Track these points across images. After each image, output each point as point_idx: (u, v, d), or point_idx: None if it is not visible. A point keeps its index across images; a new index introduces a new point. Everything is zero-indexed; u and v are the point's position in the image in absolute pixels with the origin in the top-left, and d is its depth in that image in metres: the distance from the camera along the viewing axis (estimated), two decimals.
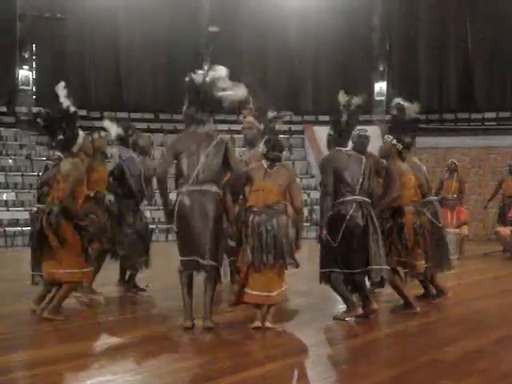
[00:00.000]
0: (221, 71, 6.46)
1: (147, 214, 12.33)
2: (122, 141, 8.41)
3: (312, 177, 21.88)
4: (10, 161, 20.27)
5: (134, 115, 24.01)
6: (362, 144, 7.31)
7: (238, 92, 6.49)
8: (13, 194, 18.78)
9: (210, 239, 6.18)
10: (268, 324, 6.23)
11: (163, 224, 19.59)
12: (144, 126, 23.31)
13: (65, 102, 6.97)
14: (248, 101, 7.22)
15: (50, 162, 7.81)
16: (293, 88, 25.04)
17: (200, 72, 6.48)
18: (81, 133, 6.98)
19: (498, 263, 13.03)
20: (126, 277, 8.49)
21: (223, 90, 6.41)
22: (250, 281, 6.24)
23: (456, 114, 23.13)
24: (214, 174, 6.30)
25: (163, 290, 8.81)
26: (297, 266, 6.44)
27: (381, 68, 24.49)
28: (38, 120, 7.06)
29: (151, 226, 19.57)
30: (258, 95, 6.84)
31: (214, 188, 6.29)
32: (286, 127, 6.93)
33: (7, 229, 17.20)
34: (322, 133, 7.53)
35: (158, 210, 20.15)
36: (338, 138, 7.00)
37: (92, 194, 7.71)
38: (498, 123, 21.75)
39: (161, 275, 9.77)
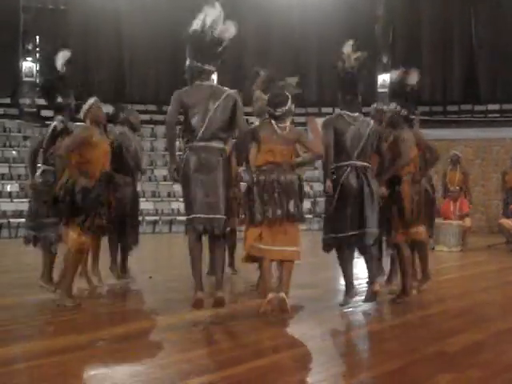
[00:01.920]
0: (214, 12, 6.43)
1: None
2: (112, 117, 8.45)
3: (315, 168, 21.87)
4: (14, 152, 20.32)
5: (137, 107, 23.95)
6: (374, 116, 7.34)
7: (231, 29, 6.48)
8: (16, 185, 18.83)
9: (217, 195, 6.20)
10: (283, 295, 6.25)
11: (166, 216, 19.67)
12: (147, 117, 23.34)
13: (61, 68, 7.11)
14: (259, 75, 7.25)
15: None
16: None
17: (198, 19, 6.45)
18: (90, 100, 7.03)
19: (501, 255, 13.02)
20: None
21: (220, 30, 6.41)
22: (263, 236, 6.27)
23: (459, 106, 23.11)
24: (220, 131, 6.29)
25: (166, 281, 8.84)
26: (302, 220, 6.48)
27: (384, 60, 24.45)
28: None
29: (155, 218, 19.68)
30: (264, 69, 6.87)
31: (220, 145, 6.30)
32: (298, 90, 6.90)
33: (11, 220, 17.25)
34: None
35: (162, 201, 20.25)
36: (343, 98, 6.94)
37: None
38: (502, 115, 21.72)
39: (164, 266, 9.81)
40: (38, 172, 7.42)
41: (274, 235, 6.30)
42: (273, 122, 6.46)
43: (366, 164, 6.82)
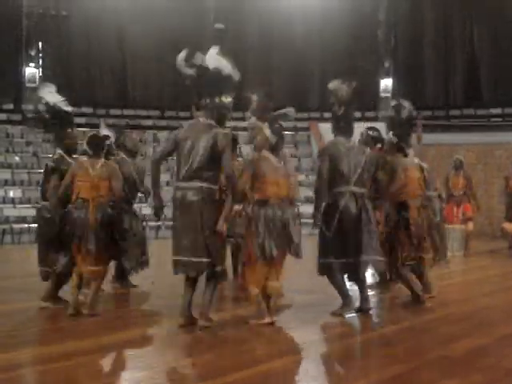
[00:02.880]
0: (210, 54, 6.39)
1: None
2: (115, 141, 8.48)
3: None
4: (17, 158, 20.32)
5: (139, 112, 24.06)
6: (367, 142, 7.40)
7: (227, 66, 6.40)
8: (19, 190, 18.82)
9: (196, 239, 6.00)
10: (274, 318, 6.27)
11: (169, 221, 19.66)
12: (150, 123, 23.35)
13: (54, 102, 7.18)
14: (251, 100, 7.20)
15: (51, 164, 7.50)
16: (298, 85, 25.02)
17: (193, 60, 6.41)
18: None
19: (503, 260, 13.02)
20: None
21: (216, 67, 6.35)
22: (272, 273, 6.24)
23: (462, 110, 23.10)
24: (206, 170, 6.03)
25: (170, 286, 8.83)
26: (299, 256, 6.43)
27: (386, 65, 24.47)
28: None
29: (158, 223, 19.67)
30: (260, 94, 6.82)
31: (204, 184, 6.02)
32: (291, 123, 6.91)
33: (14, 226, 17.25)
34: (328, 129, 7.53)
35: (165, 206, 20.27)
36: (336, 127, 7.01)
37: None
38: (504, 119, 21.71)
39: (166, 272, 9.77)
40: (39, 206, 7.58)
41: (268, 269, 6.26)
42: (269, 155, 6.44)
43: (363, 190, 6.85)
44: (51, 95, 7.35)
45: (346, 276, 6.90)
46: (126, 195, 8.13)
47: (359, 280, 6.86)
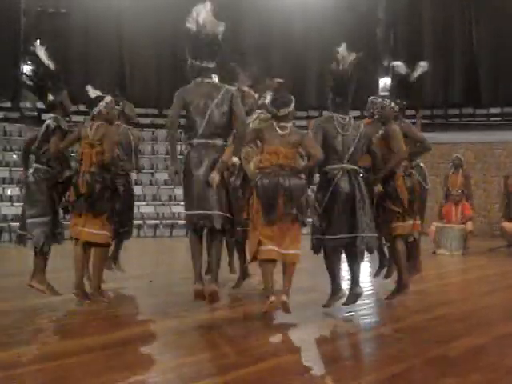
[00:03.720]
0: (203, 9, 6.43)
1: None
2: None
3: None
4: (15, 156, 20.29)
5: (137, 110, 23.92)
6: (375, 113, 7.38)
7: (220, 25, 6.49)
8: (17, 189, 18.80)
9: (213, 192, 6.20)
10: (284, 298, 6.24)
11: (167, 220, 19.64)
12: (148, 121, 23.32)
13: (47, 62, 7.12)
14: (241, 71, 7.26)
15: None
16: (297, 83, 25.00)
17: (190, 19, 6.45)
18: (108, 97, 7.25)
19: (502, 259, 13.01)
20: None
21: (212, 26, 6.41)
22: (263, 238, 6.25)
23: (461, 109, 23.09)
24: (220, 127, 6.31)
25: (167, 285, 8.83)
26: (304, 224, 6.44)
27: (385, 63, 24.45)
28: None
29: (156, 222, 19.66)
30: (251, 66, 6.87)
31: (220, 141, 6.31)
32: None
33: (12, 224, 17.22)
34: None
35: (163, 205, 20.23)
36: (333, 100, 6.91)
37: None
38: (503, 118, 21.69)
39: (165, 270, 9.79)
40: (30, 171, 7.36)
41: (276, 237, 6.28)
42: (274, 123, 6.45)
43: (356, 167, 6.80)
44: (46, 57, 7.31)
45: (342, 254, 6.86)
46: (123, 161, 8.11)
47: (354, 258, 6.80)
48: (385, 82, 24.17)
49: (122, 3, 23.48)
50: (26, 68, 7.51)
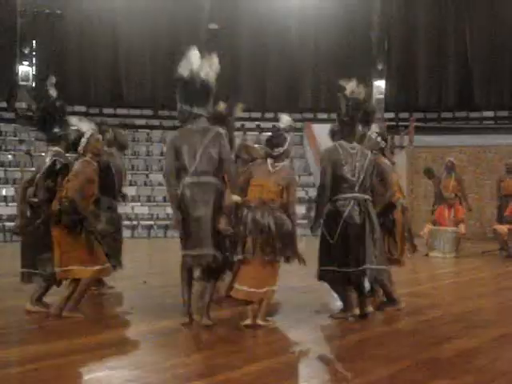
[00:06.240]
0: (195, 56, 6.42)
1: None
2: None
3: (310, 174, 21.91)
4: (10, 156, 20.30)
5: (133, 111, 24.06)
6: (372, 145, 7.30)
7: (214, 63, 6.43)
8: (12, 189, 18.80)
9: (211, 229, 6.16)
10: (259, 321, 6.17)
11: (162, 220, 19.66)
12: (143, 122, 23.36)
13: (55, 95, 7.03)
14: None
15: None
16: (292, 86, 25.06)
17: (183, 65, 6.43)
18: (88, 131, 6.84)
19: (495, 262, 13.04)
20: None
21: (206, 73, 6.40)
22: (239, 276, 6.20)
23: (454, 113, 23.19)
24: (211, 166, 6.25)
25: (161, 286, 8.84)
26: (303, 262, 6.35)
27: (379, 67, 24.53)
28: (34, 115, 7.06)
29: (150, 222, 19.66)
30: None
31: (212, 179, 6.26)
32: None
33: (6, 224, 17.22)
34: (321, 130, 7.48)
35: (157, 206, 20.24)
36: (340, 129, 6.85)
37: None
38: (496, 122, 21.81)
39: (159, 272, 9.79)
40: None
41: (253, 272, 6.17)
42: (268, 160, 6.46)
43: (366, 196, 6.73)
44: (54, 90, 7.19)
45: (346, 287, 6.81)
46: (113, 190, 8.03)
47: (359, 290, 6.75)
48: (378, 85, 24.30)
49: (118, 5, 23.50)
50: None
